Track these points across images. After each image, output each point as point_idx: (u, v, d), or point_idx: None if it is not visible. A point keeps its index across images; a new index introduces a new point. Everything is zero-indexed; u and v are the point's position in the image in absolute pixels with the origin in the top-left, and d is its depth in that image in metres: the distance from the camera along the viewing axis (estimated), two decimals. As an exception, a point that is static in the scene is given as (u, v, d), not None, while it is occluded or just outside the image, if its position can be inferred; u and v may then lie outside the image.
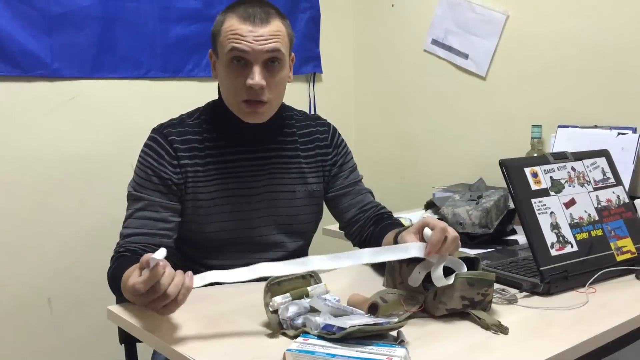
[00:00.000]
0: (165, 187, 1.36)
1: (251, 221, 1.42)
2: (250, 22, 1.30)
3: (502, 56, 2.23)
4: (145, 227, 1.34)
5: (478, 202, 1.72)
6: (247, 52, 1.29)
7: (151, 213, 1.35)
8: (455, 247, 1.15)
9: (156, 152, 1.38)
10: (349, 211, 1.52)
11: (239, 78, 1.32)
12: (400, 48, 2.58)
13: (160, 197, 1.36)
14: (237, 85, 1.33)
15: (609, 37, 1.94)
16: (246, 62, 1.31)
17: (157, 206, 1.35)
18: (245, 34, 1.29)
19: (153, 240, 1.33)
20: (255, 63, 1.30)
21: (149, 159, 1.38)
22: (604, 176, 1.46)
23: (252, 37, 1.29)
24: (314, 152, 1.50)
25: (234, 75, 1.33)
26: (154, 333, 1.09)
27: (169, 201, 1.37)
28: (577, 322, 1.13)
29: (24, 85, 1.98)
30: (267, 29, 1.30)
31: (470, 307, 1.11)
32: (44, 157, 2.03)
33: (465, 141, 2.37)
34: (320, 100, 2.65)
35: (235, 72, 1.32)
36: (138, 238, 1.33)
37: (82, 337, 2.12)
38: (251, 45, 1.29)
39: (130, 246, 1.32)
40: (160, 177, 1.36)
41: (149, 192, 1.36)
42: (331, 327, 0.99)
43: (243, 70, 1.31)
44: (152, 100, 2.20)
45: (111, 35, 2.10)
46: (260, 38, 1.30)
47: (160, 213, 1.35)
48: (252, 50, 1.29)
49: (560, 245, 1.30)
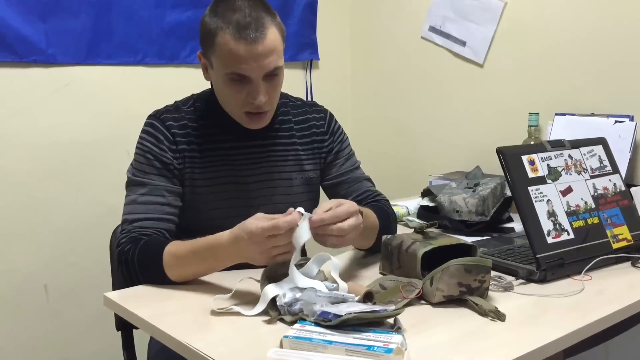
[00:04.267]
0: (168, 171, 1.36)
1: (248, 209, 1.41)
2: (245, 40, 1.25)
3: (500, 43, 2.22)
4: (153, 212, 1.33)
5: (475, 189, 1.72)
6: (248, 74, 1.28)
7: (157, 197, 1.34)
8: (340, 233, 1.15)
9: (155, 138, 1.37)
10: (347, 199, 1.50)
11: (240, 94, 1.31)
12: (397, 35, 2.56)
13: (164, 181, 1.35)
14: (238, 99, 1.32)
15: (607, 25, 1.94)
16: (246, 79, 1.29)
17: (162, 190, 1.35)
18: (243, 54, 1.25)
19: (161, 225, 1.33)
20: (256, 80, 1.29)
21: (148, 144, 1.37)
22: (600, 164, 1.46)
23: (250, 58, 1.26)
24: (310, 138, 1.49)
25: (234, 91, 1.32)
26: (150, 320, 1.09)
27: (173, 185, 1.36)
28: (573, 309, 1.13)
29: (18, 71, 1.96)
30: (264, 45, 1.26)
31: (467, 294, 1.11)
32: (39, 144, 2.02)
33: (462, 129, 2.37)
34: (317, 87, 2.64)
35: (235, 88, 1.31)
36: (148, 223, 1.32)
37: (78, 323, 2.12)
38: (250, 67, 1.27)
39: (144, 231, 1.30)
40: (162, 162, 1.36)
41: (152, 177, 1.35)
42: (328, 314, 0.99)
43: (242, 86, 1.30)
44: (147, 87, 2.19)
45: (106, 21, 2.08)
46: (260, 57, 1.26)
47: (165, 197, 1.35)
48: (252, 72, 1.28)
49: (556, 232, 1.30)
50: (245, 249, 1.14)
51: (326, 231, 1.14)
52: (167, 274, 1.24)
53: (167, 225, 1.34)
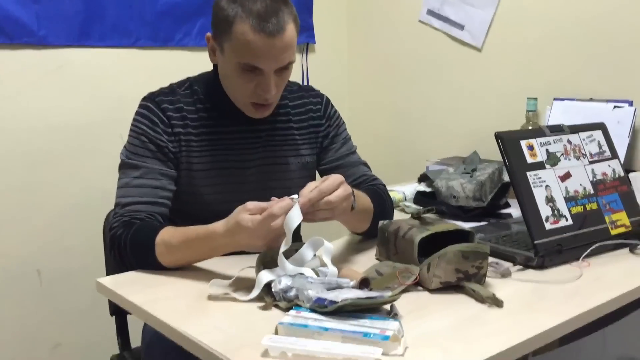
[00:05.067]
0: (163, 154, 1.34)
1: (244, 194, 1.40)
2: (264, 32, 1.22)
3: (499, 27, 2.19)
4: (146, 195, 1.31)
5: (472, 175, 1.71)
6: (262, 67, 1.26)
7: (150, 181, 1.32)
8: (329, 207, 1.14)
9: (150, 120, 1.35)
10: None
11: (250, 84, 1.30)
12: (394, 19, 2.53)
13: (158, 164, 1.34)
14: (247, 89, 1.31)
15: (606, 10, 1.91)
16: (258, 70, 1.27)
17: (156, 173, 1.33)
18: (260, 47, 1.23)
19: (155, 209, 1.31)
20: (268, 73, 1.27)
21: (143, 126, 1.35)
22: (599, 149, 1.45)
23: (267, 51, 1.24)
24: (307, 123, 1.48)
25: (243, 80, 1.30)
26: (143, 306, 1.08)
27: (167, 168, 1.35)
28: (571, 295, 1.12)
29: (9, 53, 1.93)
30: (283, 40, 1.24)
31: (464, 280, 1.10)
32: (31, 127, 2.00)
33: (460, 114, 2.35)
34: (314, 71, 2.62)
35: (246, 78, 1.29)
36: (141, 207, 1.30)
37: (72, 308, 2.11)
38: (266, 61, 1.25)
39: (137, 215, 1.29)
40: (156, 145, 1.34)
41: (146, 160, 1.33)
42: (323, 301, 0.97)
43: (254, 76, 1.28)
44: (141, 70, 2.16)
45: (99, 3, 2.04)
46: (277, 52, 1.25)
47: (159, 180, 1.33)
48: (267, 65, 1.26)
49: (554, 218, 1.29)
50: (241, 239, 1.13)
51: (314, 207, 1.13)
52: (160, 261, 1.23)
53: (161, 209, 1.32)
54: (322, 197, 1.13)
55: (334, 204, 1.14)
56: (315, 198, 1.12)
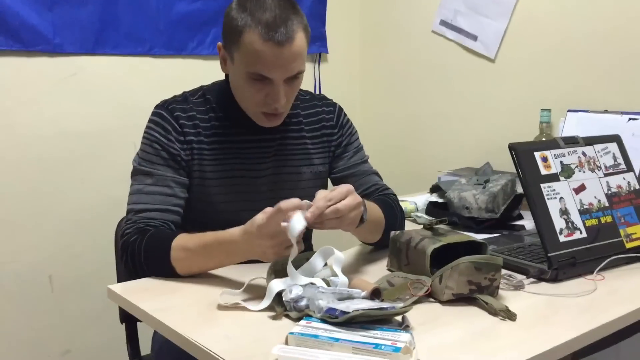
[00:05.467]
0: (175, 162, 1.34)
1: (257, 202, 1.39)
2: (273, 41, 1.22)
3: (512, 38, 2.19)
4: (159, 202, 1.31)
5: (485, 186, 1.69)
6: (271, 77, 1.26)
7: (163, 188, 1.32)
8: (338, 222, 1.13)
9: (163, 128, 1.35)
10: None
11: (259, 93, 1.29)
12: (407, 29, 2.53)
13: (171, 172, 1.34)
14: (257, 98, 1.31)
15: (621, 20, 1.90)
16: (267, 80, 1.27)
17: (170, 181, 1.33)
18: (269, 57, 1.23)
19: (168, 217, 1.31)
20: (277, 83, 1.27)
21: (155, 134, 1.35)
22: (614, 162, 1.43)
23: (276, 61, 1.24)
24: (320, 132, 1.48)
25: (253, 89, 1.30)
26: (154, 313, 1.08)
27: (180, 176, 1.35)
28: (585, 309, 1.11)
29: (24, 60, 1.95)
30: (291, 49, 1.24)
31: (477, 292, 1.09)
32: (45, 134, 2.01)
33: (473, 124, 2.34)
34: (326, 81, 2.62)
35: (256, 87, 1.29)
36: (155, 214, 1.30)
37: (83, 315, 2.12)
38: (274, 71, 1.25)
39: (150, 222, 1.29)
40: (169, 152, 1.34)
41: (158, 167, 1.33)
42: (334, 311, 0.97)
43: (263, 85, 1.28)
44: (155, 78, 2.17)
45: (114, 11, 2.06)
46: (286, 61, 1.25)
47: (172, 188, 1.33)
48: (276, 74, 1.26)
49: (569, 231, 1.28)
50: (256, 244, 1.13)
51: (322, 217, 1.11)
52: (175, 267, 1.22)
53: (174, 217, 1.32)
54: (330, 205, 1.12)
55: (342, 212, 1.13)
56: (322, 206, 1.11)
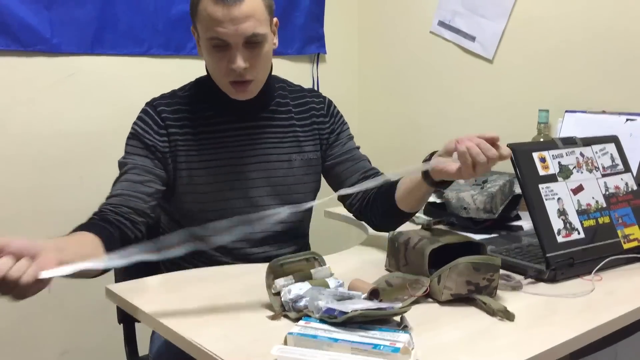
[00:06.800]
0: (151, 152, 1.37)
1: (248, 190, 1.42)
2: (222, 2, 1.25)
3: (510, 39, 2.19)
4: (124, 189, 1.34)
5: (483, 186, 1.70)
6: (225, 38, 1.28)
7: (132, 176, 1.35)
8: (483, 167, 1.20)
9: (144, 121, 1.39)
10: (352, 176, 1.50)
11: (222, 61, 1.31)
12: (406, 29, 2.53)
13: (143, 160, 1.37)
14: (221, 67, 1.33)
15: (618, 21, 1.90)
16: (226, 45, 1.29)
17: (140, 169, 1.36)
18: (220, 17, 1.26)
19: (128, 202, 1.32)
20: (235, 46, 1.29)
21: (137, 127, 1.40)
22: (612, 162, 1.43)
23: (227, 21, 1.26)
24: (309, 120, 1.50)
25: (216, 58, 1.32)
26: (152, 313, 1.08)
27: (153, 166, 1.37)
28: (583, 309, 1.11)
29: (22, 60, 1.94)
30: (242, 9, 1.26)
31: (475, 293, 1.09)
32: (43, 134, 2.00)
33: (471, 125, 2.34)
34: (324, 81, 2.62)
35: (218, 55, 1.31)
36: (114, 199, 1.32)
37: (80, 315, 2.11)
38: (226, 31, 1.27)
39: (106, 207, 1.31)
40: (145, 143, 1.37)
41: (134, 157, 1.37)
42: (333, 311, 0.97)
43: (225, 53, 1.30)
44: (153, 78, 2.16)
45: (112, 11, 2.06)
46: (237, 20, 1.26)
47: (141, 176, 1.35)
48: (229, 35, 1.27)
49: (567, 231, 1.28)
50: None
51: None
52: None
53: (135, 203, 1.32)
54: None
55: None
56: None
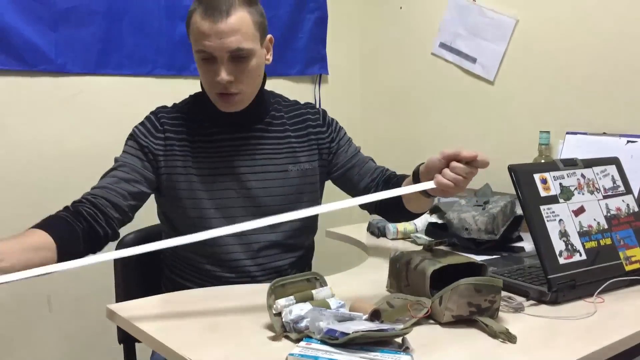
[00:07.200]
0: (143, 153, 1.40)
1: (246, 199, 1.43)
2: (210, 17, 1.29)
3: (511, 61, 2.21)
4: (110, 183, 1.36)
5: (484, 207, 1.70)
6: (211, 51, 1.31)
7: (120, 173, 1.38)
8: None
9: (143, 125, 1.44)
10: (362, 180, 1.54)
11: (209, 73, 1.35)
12: (407, 51, 2.56)
13: (133, 160, 1.40)
14: (209, 80, 1.36)
15: (618, 44, 1.92)
16: (213, 58, 1.33)
17: (129, 168, 1.38)
18: (207, 31, 1.30)
19: (109, 196, 1.34)
20: (220, 59, 1.32)
21: (136, 129, 1.44)
22: (613, 184, 1.44)
23: (213, 35, 1.30)
24: (305, 131, 1.52)
25: (204, 70, 1.37)
26: (153, 334, 1.07)
27: (142, 167, 1.39)
28: (585, 332, 1.11)
29: (27, 80, 1.96)
30: (228, 23, 1.29)
31: (477, 314, 1.09)
32: (47, 154, 2.01)
33: (472, 146, 2.30)
34: (326, 101, 2.63)
35: (205, 67, 1.36)
36: (97, 191, 1.35)
37: (81, 335, 2.10)
38: (212, 44, 1.30)
39: (84, 198, 1.34)
40: (139, 144, 1.41)
41: (126, 156, 1.41)
42: (334, 332, 0.96)
43: (211, 65, 1.34)
44: (157, 98, 2.15)
45: (117, 32, 2.08)
46: (222, 34, 1.30)
47: (128, 174, 1.38)
48: (215, 49, 1.31)
49: (568, 253, 1.28)
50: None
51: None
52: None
53: (117, 199, 1.34)
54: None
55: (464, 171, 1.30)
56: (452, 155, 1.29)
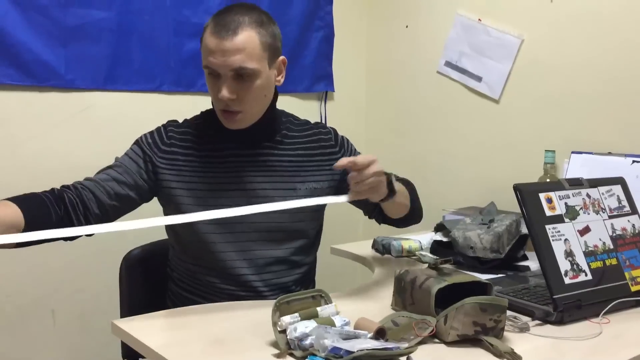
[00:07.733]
0: (143, 161, 1.41)
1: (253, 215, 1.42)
2: (218, 34, 1.32)
3: (516, 80, 2.22)
4: (101, 179, 1.38)
5: (490, 226, 1.70)
6: (215, 67, 1.33)
7: (114, 172, 1.40)
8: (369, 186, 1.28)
9: (151, 136, 1.45)
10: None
11: (214, 89, 1.37)
12: (413, 69, 2.57)
13: (130, 164, 1.41)
14: (214, 95, 1.38)
15: (624, 63, 1.93)
16: (218, 74, 1.35)
17: (123, 169, 1.40)
18: (213, 48, 1.32)
19: (95, 190, 1.35)
20: (224, 77, 1.34)
21: (143, 137, 1.45)
22: (619, 204, 1.44)
23: (218, 52, 1.32)
24: (318, 151, 1.53)
25: (210, 86, 1.39)
26: (157, 349, 1.07)
27: (137, 174, 1.41)
28: (590, 353, 1.10)
29: (36, 95, 1.98)
30: (233, 42, 1.31)
31: (482, 334, 1.09)
32: (55, 168, 2.02)
33: (477, 164, 2.35)
34: (332, 119, 2.64)
35: (211, 83, 1.38)
36: (87, 182, 1.37)
37: (84, 350, 2.10)
38: (216, 61, 1.33)
39: (72, 185, 1.35)
40: (142, 150, 1.42)
41: (125, 158, 1.43)
42: (339, 350, 0.96)
43: (216, 82, 1.36)
44: (164, 114, 2.16)
45: (125, 48, 2.11)
46: (226, 52, 1.32)
47: (119, 175, 1.39)
48: (218, 66, 1.33)
49: (574, 273, 1.28)
50: None
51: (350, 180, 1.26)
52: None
53: (101, 195, 1.35)
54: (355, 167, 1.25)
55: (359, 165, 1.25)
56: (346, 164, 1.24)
